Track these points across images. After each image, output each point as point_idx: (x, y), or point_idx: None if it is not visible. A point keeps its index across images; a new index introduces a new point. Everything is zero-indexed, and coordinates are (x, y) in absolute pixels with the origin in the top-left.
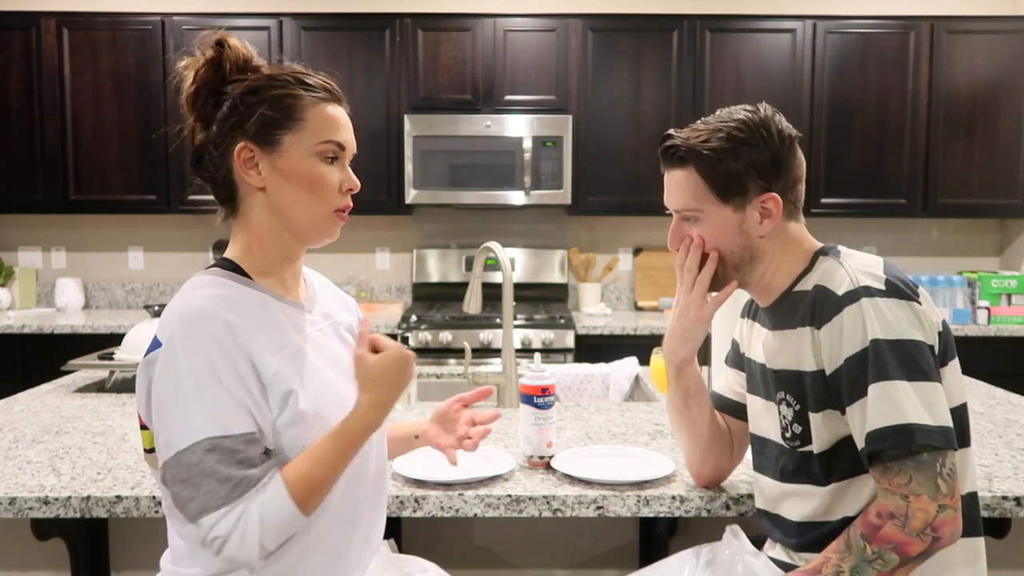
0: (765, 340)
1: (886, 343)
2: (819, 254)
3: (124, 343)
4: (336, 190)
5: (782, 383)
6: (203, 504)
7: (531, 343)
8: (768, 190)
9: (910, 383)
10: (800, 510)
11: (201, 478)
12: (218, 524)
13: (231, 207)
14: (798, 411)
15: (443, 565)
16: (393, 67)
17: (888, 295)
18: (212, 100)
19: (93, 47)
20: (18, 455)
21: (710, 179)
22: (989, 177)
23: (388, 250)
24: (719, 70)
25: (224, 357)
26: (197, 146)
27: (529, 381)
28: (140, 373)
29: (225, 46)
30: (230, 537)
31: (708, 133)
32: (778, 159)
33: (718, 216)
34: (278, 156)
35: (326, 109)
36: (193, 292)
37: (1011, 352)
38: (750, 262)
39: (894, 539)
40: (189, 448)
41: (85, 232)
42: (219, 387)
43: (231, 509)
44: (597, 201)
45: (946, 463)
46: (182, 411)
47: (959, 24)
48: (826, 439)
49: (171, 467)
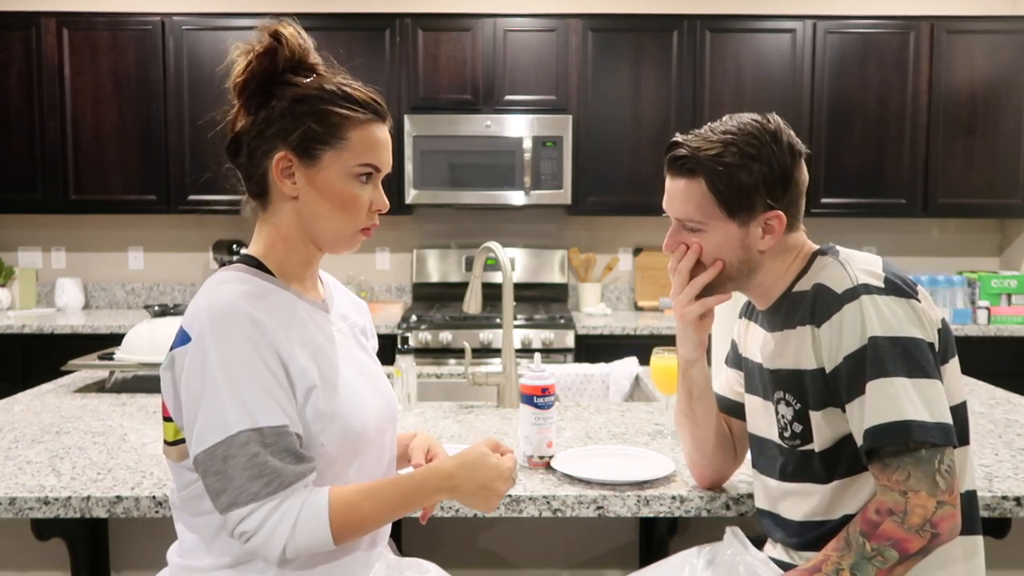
0: (763, 341)
1: (885, 340)
2: (817, 254)
3: (124, 343)
4: (366, 209)
5: (781, 383)
6: (233, 498)
7: (531, 343)
8: (773, 207)
9: (909, 380)
10: (801, 509)
11: (234, 471)
12: (247, 519)
13: (261, 205)
14: (798, 410)
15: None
16: (393, 67)
17: (887, 293)
18: (260, 93)
19: (93, 47)
20: (18, 455)
21: (719, 194)
22: (989, 177)
23: (388, 250)
24: (719, 70)
25: (255, 351)
26: (237, 134)
27: (529, 381)
28: (167, 367)
29: (282, 39)
30: (257, 533)
31: (720, 146)
32: (787, 176)
33: (722, 230)
34: (316, 171)
35: (370, 130)
36: (220, 287)
37: (1011, 352)
38: (748, 274)
39: (893, 536)
40: (223, 441)
41: (85, 232)
42: (251, 381)
43: (260, 506)
44: (597, 201)
45: (944, 460)
46: (215, 404)
47: (959, 24)
48: (828, 437)
49: (203, 460)
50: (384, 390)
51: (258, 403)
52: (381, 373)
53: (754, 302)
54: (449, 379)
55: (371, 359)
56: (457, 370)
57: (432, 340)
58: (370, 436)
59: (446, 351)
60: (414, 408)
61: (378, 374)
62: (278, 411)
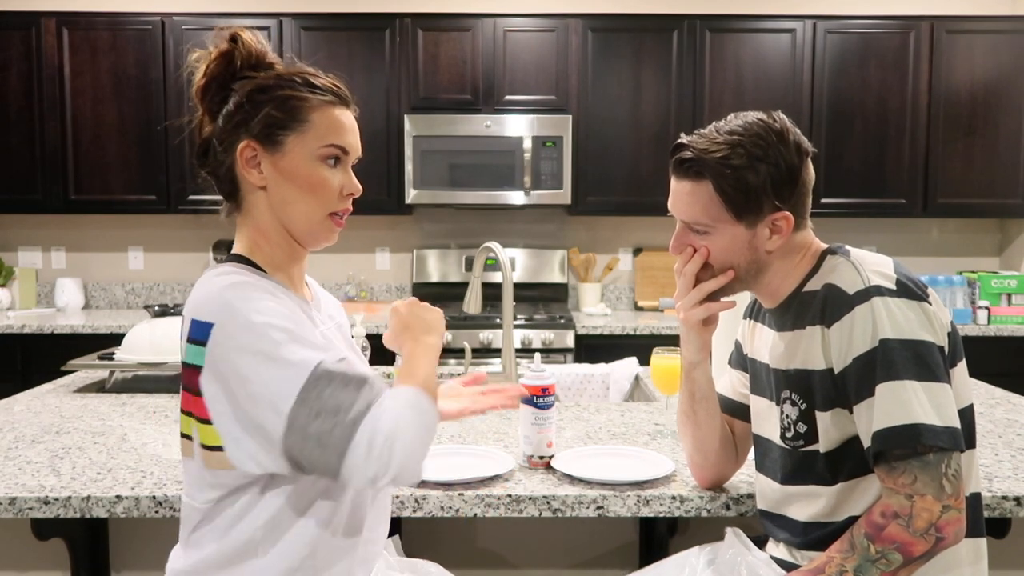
0: (772, 342)
1: (896, 342)
2: (827, 253)
3: (124, 343)
4: (336, 193)
5: (788, 382)
6: (355, 415)
7: (531, 343)
8: (780, 208)
9: (919, 383)
10: (806, 511)
11: (335, 398)
12: (379, 423)
13: (234, 203)
14: (804, 410)
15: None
16: (393, 67)
17: (899, 295)
18: (221, 94)
19: (93, 47)
20: (18, 455)
21: (726, 196)
22: (989, 177)
23: (388, 250)
24: (719, 70)
25: (284, 306)
26: (204, 139)
27: (529, 381)
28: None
29: (239, 41)
30: (394, 432)
31: (727, 148)
32: (794, 176)
33: (730, 232)
34: (280, 156)
35: (332, 112)
36: (219, 277)
37: (1011, 352)
38: (756, 274)
39: (898, 539)
40: (307, 383)
41: (85, 232)
42: (298, 325)
43: (379, 404)
44: (597, 201)
45: (952, 464)
46: (281, 358)
47: (959, 24)
48: (834, 438)
49: (300, 414)
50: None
51: (315, 341)
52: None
53: (762, 301)
54: (449, 379)
55: (361, 359)
56: (457, 370)
57: None
58: None
59: (446, 351)
60: None
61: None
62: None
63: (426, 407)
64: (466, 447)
